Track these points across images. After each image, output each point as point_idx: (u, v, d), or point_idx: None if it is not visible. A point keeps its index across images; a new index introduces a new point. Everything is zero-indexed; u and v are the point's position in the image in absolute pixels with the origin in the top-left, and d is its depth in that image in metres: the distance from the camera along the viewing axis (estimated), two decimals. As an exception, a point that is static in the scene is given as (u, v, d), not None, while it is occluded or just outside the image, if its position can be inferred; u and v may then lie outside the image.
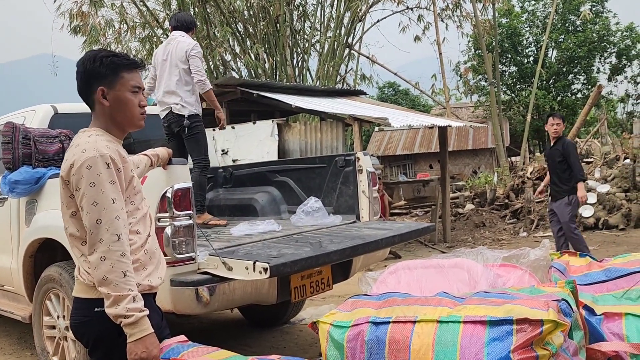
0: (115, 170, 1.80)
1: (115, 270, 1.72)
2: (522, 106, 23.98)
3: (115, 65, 1.89)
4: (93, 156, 1.77)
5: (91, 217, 1.75)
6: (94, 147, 1.79)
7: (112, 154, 1.81)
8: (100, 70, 1.87)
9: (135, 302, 1.74)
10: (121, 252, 1.74)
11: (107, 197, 1.75)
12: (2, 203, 3.97)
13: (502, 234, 9.85)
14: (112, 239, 1.74)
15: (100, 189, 1.75)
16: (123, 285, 1.72)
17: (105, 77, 1.88)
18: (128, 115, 1.93)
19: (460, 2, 13.85)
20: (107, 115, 1.91)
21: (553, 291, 2.10)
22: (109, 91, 1.88)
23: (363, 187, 4.14)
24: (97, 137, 1.85)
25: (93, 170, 1.76)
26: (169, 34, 4.91)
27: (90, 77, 1.89)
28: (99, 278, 1.73)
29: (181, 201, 2.90)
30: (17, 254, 3.83)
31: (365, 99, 10.19)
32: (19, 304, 4.08)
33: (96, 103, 1.91)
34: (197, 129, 4.64)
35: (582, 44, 22.69)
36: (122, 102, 1.90)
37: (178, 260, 2.89)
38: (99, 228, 1.74)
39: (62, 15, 12.49)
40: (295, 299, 3.45)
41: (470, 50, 24.07)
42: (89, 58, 1.89)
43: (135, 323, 1.73)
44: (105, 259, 1.72)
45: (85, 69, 1.89)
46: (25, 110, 4.29)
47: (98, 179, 1.75)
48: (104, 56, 1.89)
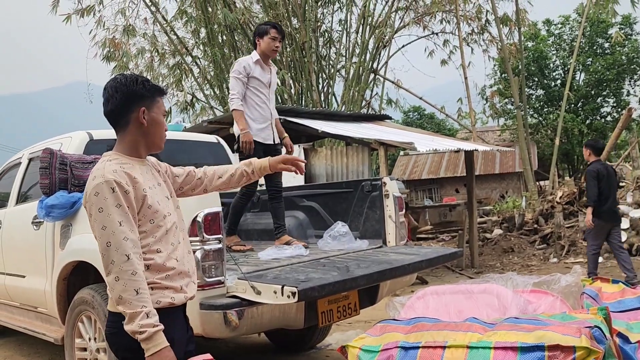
0: (122, 194, 1.88)
1: (128, 289, 1.80)
2: (550, 129, 23.70)
3: (154, 89, 2.03)
4: (99, 183, 1.87)
5: (102, 241, 1.84)
6: (101, 174, 1.89)
7: (117, 178, 1.89)
8: (143, 92, 1.99)
9: (148, 318, 1.81)
10: (132, 271, 1.82)
11: (114, 221, 1.84)
12: (38, 227, 4.08)
13: (531, 260, 9.66)
14: (122, 259, 1.82)
15: (108, 213, 1.84)
16: (136, 302, 1.80)
17: (146, 98, 2.00)
18: (157, 137, 2.05)
19: (486, 27, 13.90)
20: (140, 134, 2.01)
21: (585, 318, 2.07)
22: (148, 112, 2.00)
23: (390, 211, 4.15)
24: (108, 162, 1.95)
25: (100, 196, 1.85)
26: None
27: (133, 97, 1.99)
28: (116, 297, 1.82)
29: (211, 225, 2.95)
30: (51, 276, 3.92)
31: (391, 123, 10.23)
32: (52, 326, 4.16)
33: (132, 122, 2.00)
34: (242, 152, 4.46)
35: (611, 67, 22.40)
36: (156, 124, 2.02)
37: (207, 284, 2.93)
38: (109, 250, 1.83)
39: (96, 45, 12.97)
40: (322, 324, 3.44)
41: (496, 73, 24.01)
42: (130, 80, 2.01)
43: (149, 338, 1.80)
44: (118, 279, 1.81)
45: (127, 90, 1.99)
46: (62, 137, 4.44)
47: (105, 204, 1.85)
48: (144, 80, 2.03)
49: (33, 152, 4.68)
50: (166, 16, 13.51)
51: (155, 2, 13.11)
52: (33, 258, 4.15)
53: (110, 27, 12.94)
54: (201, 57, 14.01)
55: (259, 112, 4.47)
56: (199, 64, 14.00)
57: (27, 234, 4.22)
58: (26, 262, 4.32)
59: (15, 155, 5.23)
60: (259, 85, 4.47)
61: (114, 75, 2.12)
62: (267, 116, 4.53)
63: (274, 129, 4.59)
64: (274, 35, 4.45)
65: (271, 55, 4.53)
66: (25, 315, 4.60)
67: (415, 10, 13.75)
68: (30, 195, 4.54)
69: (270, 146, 4.52)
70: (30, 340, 5.24)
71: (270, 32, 4.45)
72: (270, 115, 4.56)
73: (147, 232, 1.95)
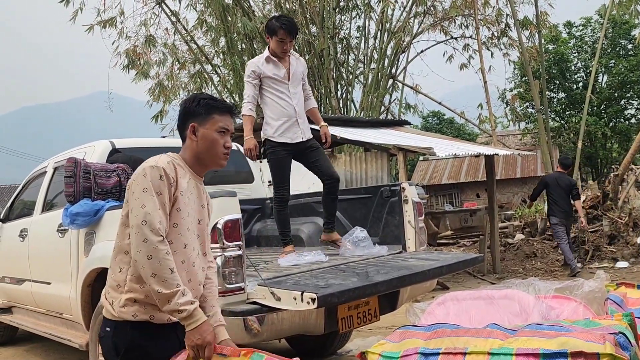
0: (167, 183, 1.94)
1: (163, 267, 1.85)
2: (573, 133, 23.35)
3: (209, 107, 2.08)
4: (151, 166, 1.95)
5: (138, 219, 1.89)
6: (154, 160, 1.98)
7: (167, 168, 1.96)
8: (196, 109, 2.07)
9: (184, 296, 1.87)
10: (166, 251, 1.88)
11: (155, 203, 1.90)
12: (63, 234, 4.16)
13: (554, 265, 9.51)
14: (157, 238, 1.87)
15: (151, 195, 1.91)
16: (171, 281, 1.86)
17: (199, 115, 2.07)
18: (212, 153, 2.09)
19: (506, 30, 13.78)
20: (194, 150, 2.08)
21: (610, 324, 2.04)
22: (199, 128, 2.06)
23: (409, 217, 4.13)
24: (167, 155, 2.04)
25: (147, 177, 1.93)
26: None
27: (187, 114, 2.09)
28: (147, 275, 1.86)
29: (231, 232, 2.98)
30: (75, 283, 3.99)
31: (410, 128, 10.20)
32: (77, 332, 4.23)
33: (187, 138, 2.09)
34: (268, 156, 4.33)
35: (634, 68, 22.01)
36: (208, 140, 2.07)
37: (228, 290, 2.95)
38: (143, 228, 1.87)
39: (118, 55, 13.20)
40: (343, 330, 3.44)
41: (517, 77, 23.76)
42: (190, 99, 2.12)
43: (189, 316, 1.87)
44: (151, 257, 1.86)
45: (184, 107, 2.11)
46: (85, 146, 4.53)
47: (150, 186, 1.92)
48: (202, 98, 2.11)
49: (58, 161, 4.78)
50: (186, 26, 13.70)
51: (175, 13, 13.31)
52: (58, 265, 4.23)
53: (132, 37, 13.18)
54: (221, 66, 14.16)
55: (279, 109, 4.25)
56: (219, 73, 14.14)
57: (52, 241, 4.31)
58: (51, 269, 4.40)
59: (41, 165, 5.35)
60: (275, 83, 4.24)
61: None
62: (290, 112, 4.26)
63: (301, 124, 4.30)
64: (282, 38, 4.17)
65: (281, 56, 4.26)
66: (51, 321, 4.68)
67: (434, 15, 13.71)
68: (56, 203, 4.63)
69: (299, 145, 4.29)
70: (55, 346, 5.33)
71: (279, 33, 4.16)
72: (294, 110, 4.27)
73: (167, 233, 1.97)
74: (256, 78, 4.23)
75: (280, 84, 4.25)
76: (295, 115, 4.27)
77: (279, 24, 4.18)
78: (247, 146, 4.19)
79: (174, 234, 1.99)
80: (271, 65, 4.24)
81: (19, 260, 4.95)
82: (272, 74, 4.22)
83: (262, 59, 4.25)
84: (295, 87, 4.31)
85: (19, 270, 4.99)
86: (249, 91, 4.25)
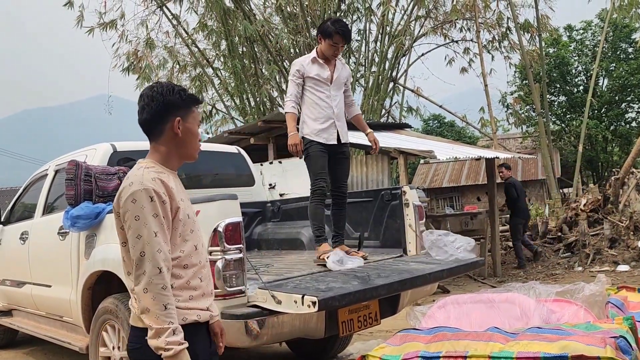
0: (159, 203, 1.85)
1: (156, 302, 1.78)
2: (573, 136, 23.35)
3: (190, 99, 2.01)
4: (138, 190, 1.84)
5: (136, 250, 1.82)
6: (139, 181, 1.86)
7: (156, 187, 1.86)
8: (179, 102, 1.97)
9: (174, 335, 1.79)
10: (162, 285, 1.80)
11: (150, 231, 1.82)
12: (64, 237, 4.17)
13: (555, 269, 9.49)
14: (154, 271, 1.80)
15: (144, 222, 1.82)
16: (164, 318, 1.78)
17: (181, 108, 1.98)
18: (191, 147, 2.02)
19: (507, 33, 13.80)
20: (174, 145, 1.99)
21: (610, 327, 2.03)
22: (183, 122, 1.98)
23: (410, 220, 4.13)
24: (146, 169, 1.92)
25: (137, 203, 1.83)
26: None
27: (168, 107, 1.97)
28: (143, 309, 1.80)
29: (232, 235, 2.98)
30: (76, 286, 3.99)
31: (410, 131, 10.19)
32: (77, 335, 4.23)
33: (166, 132, 1.98)
34: (305, 152, 4.26)
35: (635, 72, 22.00)
36: (191, 134, 2.00)
37: (228, 293, 2.95)
38: (142, 260, 1.81)
39: (118, 57, 13.23)
40: (343, 334, 3.44)
41: (517, 80, 23.77)
42: (167, 89, 1.98)
43: (175, 356, 1.78)
44: (147, 291, 1.79)
45: (164, 99, 1.97)
46: (87, 149, 4.53)
47: (142, 213, 1.82)
48: (180, 90, 2.01)
49: (59, 164, 4.79)
50: (187, 29, 13.73)
51: (176, 16, 13.34)
52: (59, 268, 4.24)
53: (133, 40, 13.21)
54: (222, 69, 14.18)
55: (318, 110, 4.22)
56: (220, 76, 14.16)
57: (53, 244, 4.31)
58: (52, 271, 4.40)
59: (42, 167, 5.36)
60: (317, 84, 4.22)
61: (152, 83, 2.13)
62: (329, 113, 4.23)
63: (338, 127, 4.28)
64: (336, 42, 4.16)
65: (330, 59, 4.27)
66: (51, 324, 4.68)
67: (435, 19, 13.73)
68: (56, 206, 4.64)
69: (333, 147, 4.26)
70: (55, 349, 5.33)
71: (334, 38, 4.15)
72: (333, 112, 4.25)
73: (176, 246, 1.93)
74: (300, 77, 4.23)
75: (322, 85, 4.24)
76: (333, 117, 4.26)
77: (335, 28, 4.17)
78: (293, 141, 4.13)
79: (184, 245, 1.94)
80: (316, 66, 4.24)
81: (20, 262, 4.95)
82: (315, 74, 4.21)
83: (308, 59, 4.26)
84: (336, 90, 4.31)
85: (20, 272, 5.00)
86: (292, 89, 4.25)
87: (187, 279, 1.95)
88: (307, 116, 4.26)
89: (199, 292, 1.98)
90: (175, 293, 1.90)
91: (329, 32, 4.17)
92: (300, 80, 4.23)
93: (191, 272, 1.96)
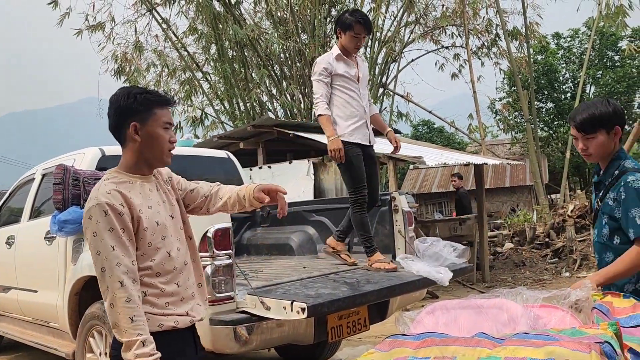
0: (115, 216, 1.81)
1: (122, 316, 1.76)
2: (561, 143, 23.58)
3: (148, 102, 1.92)
4: (92, 205, 1.82)
5: (97, 266, 1.81)
6: (94, 196, 1.84)
7: (110, 200, 1.81)
8: (134, 106, 1.90)
9: (144, 347, 1.76)
10: (126, 298, 1.77)
11: (107, 245, 1.79)
12: (51, 242, 4.13)
13: (543, 274, 9.57)
14: (115, 286, 1.77)
15: (101, 238, 1.79)
16: (131, 330, 1.76)
17: (138, 113, 1.90)
18: (158, 151, 1.94)
19: (496, 40, 13.93)
20: (137, 151, 1.93)
21: (596, 333, 2.05)
22: (142, 127, 1.91)
23: (399, 226, 4.15)
24: (104, 182, 1.89)
25: (93, 219, 1.81)
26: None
27: (124, 112, 1.91)
28: (112, 323, 1.79)
29: (221, 241, 2.98)
30: (63, 291, 3.96)
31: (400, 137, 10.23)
32: (63, 341, 4.19)
33: (127, 139, 1.93)
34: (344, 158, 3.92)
35: (621, 80, 22.32)
36: (153, 138, 1.92)
37: (217, 299, 2.95)
38: (104, 276, 1.79)
39: (107, 60, 13.16)
40: (332, 339, 3.45)
41: (506, 87, 23.99)
42: (123, 95, 1.92)
43: None
44: (113, 306, 1.78)
45: (119, 105, 1.92)
46: (75, 153, 4.50)
47: (97, 228, 1.80)
48: (137, 93, 1.93)
49: (46, 167, 4.75)
50: (177, 32, 13.70)
51: (166, 20, 13.31)
52: (45, 273, 4.20)
53: (122, 43, 13.16)
54: (211, 73, 14.16)
55: (350, 109, 3.97)
56: (209, 80, 14.14)
57: (39, 249, 4.27)
58: (39, 277, 4.36)
59: (29, 171, 5.31)
60: (346, 82, 3.97)
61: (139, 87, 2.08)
62: (361, 112, 4.01)
63: (369, 127, 4.10)
64: (358, 33, 3.92)
65: (353, 53, 4.04)
66: (37, 330, 4.64)
67: (425, 25, 13.83)
68: (43, 210, 4.60)
69: (366, 148, 4.07)
70: (42, 355, 5.27)
71: (355, 28, 3.90)
72: (364, 111, 4.05)
73: (145, 255, 1.89)
74: (328, 76, 3.94)
75: (351, 83, 4.00)
76: (365, 116, 4.06)
77: (354, 18, 3.95)
78: (334, 147, 3.82)
79: (155, 254, 1.91)
80: (342, 63, 3.99)
81: (6, 267, 4.90)
82: (344, 71, 3.96)
83: (332, 57, 3.99)
84: (364, 88, 4.11)
85: (6, 277, 4.94)
86: (321, 90, 3.94)
87: (162, 286, 1.92)
88: (337, 116, 3.96)
89: (177, 297, 1.95)
90: (150, 301, 1.88)
91: (348, 24, 3.94)
92: (329, 79, 3.95)
93: (165, 279, 1.93)
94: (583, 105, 2.44)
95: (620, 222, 2.37)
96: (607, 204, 2.40)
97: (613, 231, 2.42)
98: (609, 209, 2.39)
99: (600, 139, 2.36)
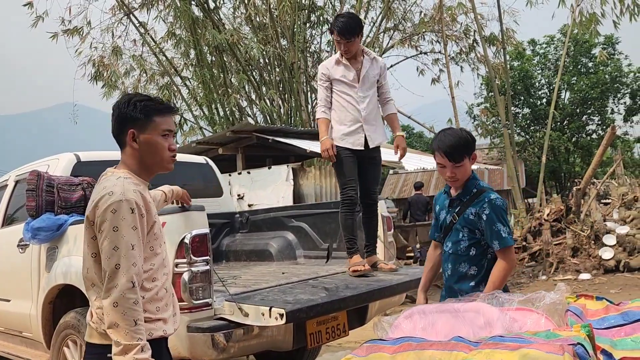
0: (139, 216, 1.82)
1: (127, 318, 1.74)
2: (537, 147, 23.95)
3: (148, 109, 1.94)
4: (119, 200, 1.79)
5: (111, 261, 1.77)
6: (120, 191, 1.81)
7: (137, 199, 1.83)
8: (133, 113, 1.92)
9: (143, 353, 1.75)
10: (134, 300, 1.76)
11: (127, 243, 1.77)
12: (24, 249, 4.05)
13: (520, 277, 9.69)
14: (127, 285, 1.75)
15: (122, 234, 1.77)
16: (133, 334, 1.74)
17: (137, 120, 1.93)
18: (157, 158, 1.97)
19: (474, 46, 14.12)
20: (137, 157, 1.95)
21: (569, 335, 2.08)
22: (140, 134, 1.93)
23: (378, 231, 4.16)
24: (125, 180, 1.88)
25: (117, 214, 1.78)
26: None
27: (124, 119, 1.94)
28: (110, 323, 1.75)
29: (199, 247, 2.95)
30: (36, 300, 3.89)
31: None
32: (37, 351, 4.11)
33: (127, 145, 1.95)
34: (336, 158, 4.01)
35: (595, 86, 22.78)
36: (151, 145, 1.94)
37: (195, 306, 2.92)
38: (116, 273, 1.76)
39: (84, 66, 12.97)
40: (311, 345, 3.43)
41: (483, 92, 24.31)
42: (124, 101, 1.96)
43: None
44: (117, 305, 1.74)
45: (119, 112, 1.94)
46: (49, 159, 4.43)
47: (121, 224, 1.77)
48: (137, 100, 1.95)
49: (20, 174, 4.66)
50: (155, 37, 13.59)
51: (144, 24, 13.19)
52: (18, 281, 4.12)
53: (99, 47, 12.99)
54: (190, 78, 14.08)
55: (344, 113, 4.02)
56: (188, 85, 14.05)
57: (12, 256, 4.19)
58: (11, 285, 4.28)
59: (2, 178, 5.21)
60: (343, 86, 4.02)
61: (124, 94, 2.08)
62: (355, 116, 4.00)
63: (367, 130, 4.05)
64: (338, 39, 3.95)
65: (345, 56, 4.02)
66: (9, 340, 4.54)
67: (403, 31, 13.95)
68: (17, 217, 4.51)
69: (360, 152, 4.05)
70: (15, 366, 5.16)
71: (334, 34, 3.96)
72: (360, 115, 4.01)
73: (148, 259, 1.90)
74: (327, 81, 4.05)
75: (348, 87, 4.03)
76: (360, 120, 4.02)
77: (334, 23, 3.99)
78: (324, 147, 3.95)
79: (154, 258, 1.93)
80: (341, 67, 4.04)
81: (-22, 276, 4.79)
82: (340, 76, 4.02)
83: (332, 61, 4.08)
84: (365, 90, 4.05)
85: (-23, 287, 4.83)
86: (321, 94, 4.08)
87: (156, 290, 1.93)
88: (334, 120, 4.05)
89: (164, 302, 1.97)
90: (144, 307, 1.87)
91: (331, 29, 4.03)
92: (328, 84, 4.05)
93: (159, 283, 1.95)
94: (447, 136, 2.60)
95: (482, 234, 2.58)
96: (468, 218, 2.60)
97: (471, 244, 2.63)
98: (471, 222, 2.59)
99: (466, 165, 2.58)
